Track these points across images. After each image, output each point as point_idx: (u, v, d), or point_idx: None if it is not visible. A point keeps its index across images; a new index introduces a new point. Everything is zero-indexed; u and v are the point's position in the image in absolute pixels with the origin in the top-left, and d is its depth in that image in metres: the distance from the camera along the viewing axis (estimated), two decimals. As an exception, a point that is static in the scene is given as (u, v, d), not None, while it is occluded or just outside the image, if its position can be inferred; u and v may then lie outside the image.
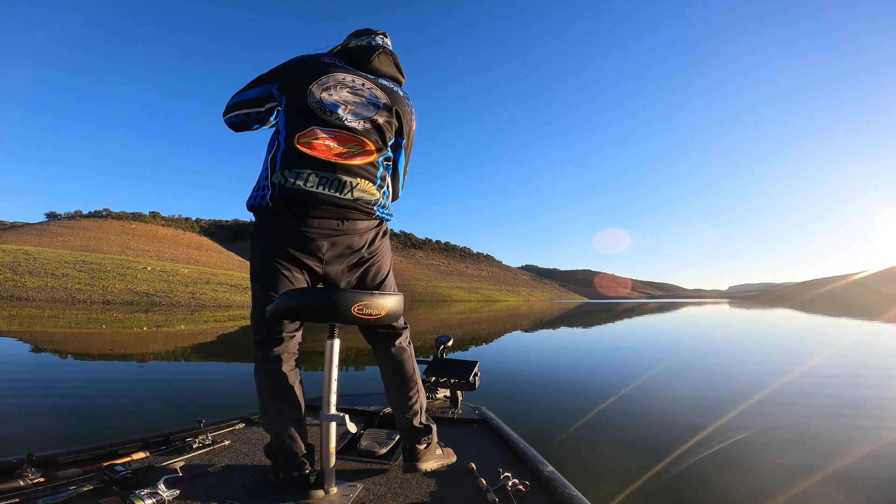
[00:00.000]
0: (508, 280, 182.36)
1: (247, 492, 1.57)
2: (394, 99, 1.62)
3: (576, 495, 1.50)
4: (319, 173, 1.46)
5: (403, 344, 1.68)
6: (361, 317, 1.41)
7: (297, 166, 1.46)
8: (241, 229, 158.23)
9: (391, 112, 1.61)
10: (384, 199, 1.63)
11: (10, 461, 1.56)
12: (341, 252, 1.54)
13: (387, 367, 1.67)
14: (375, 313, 1.44)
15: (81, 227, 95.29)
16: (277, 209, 1.49)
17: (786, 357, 9.21)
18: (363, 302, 1.42)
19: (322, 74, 1.54)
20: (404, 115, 1.66)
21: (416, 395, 1.65)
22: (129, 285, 24.99)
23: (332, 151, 1.48)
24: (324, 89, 1.52)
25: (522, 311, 34.80)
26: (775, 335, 14.95)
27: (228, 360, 7.55)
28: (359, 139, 1.53)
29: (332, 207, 1.48)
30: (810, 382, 6.28)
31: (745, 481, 2.85)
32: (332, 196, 1.48)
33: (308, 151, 1.46)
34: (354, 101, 1.54)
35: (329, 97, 1.51)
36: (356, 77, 1.59)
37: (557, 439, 3.51)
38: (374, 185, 1.56)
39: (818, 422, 4.19)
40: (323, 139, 1.48)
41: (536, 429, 3.72)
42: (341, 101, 1.52)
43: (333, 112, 1.51)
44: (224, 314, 19.30)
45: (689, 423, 3.97)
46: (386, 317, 1.48)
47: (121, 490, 1.49)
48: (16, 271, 23.91)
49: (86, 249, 56.93)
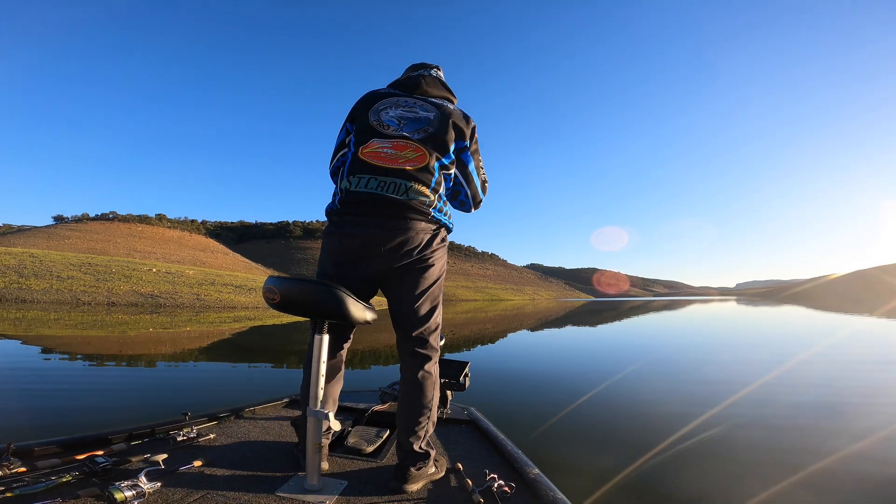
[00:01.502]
0: (514, 279, 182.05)
1: (229, 485, 1.55)
2: (443, 111, 1.80)
3: (560, 498, 1.49)
4: (379, 177, 1.65)
5: (432, 370, 1.74)
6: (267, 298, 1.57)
7: (360, 172, 1.67)
8: (246, 231, 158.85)
9: (442, 122, 1.77)
10: (440, 203, 1.73)
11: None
12: (397, 250, 1.65)
13: (407, 386, 1.72)
14: (272, 297, 1.55)
15: (88, 230, 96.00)
16: (344, 210, 1.69)
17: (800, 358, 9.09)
18: (267, 286, 1.55)
19: (379, 100, 1.81)
20: (458, 123, 1.80)
21: (425, 423, 1.69)
22: (134, 287, 25.12)
23: (389, 158, 1.67)
24: (381, 110, 1.77)
25: (528, 311, 34.71)
26: (788, 333, 14.81)
27: (222, 359, 7.54)
28: (414, 146, 1.70)
29: (390, 207, 1.64)
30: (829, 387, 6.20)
31: (742, 479, 2.81)
32: (390, 196, 1.63)
33: (370, 160, 1.67)
34: (408, 116, 1.76)
35: (386, 115, 1.76)
36: (408, 98, 1.83)
37: (546, 440, 3.48)
38: (428, 187, 1.68)
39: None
40: (382, 148, 1.68)
41: (526, 430, 3.69)
42: (396, 118, 1.76)
43: (390, 126, 1.73)
44: (229, 315, 19.37)
45: (686, 421, 3.93)
46: (281, 303, 1.54)
47: (101, 481, 1.48)
48: (21, 274, 24.06)
49: (92, 252, 57.35)
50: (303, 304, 1.54)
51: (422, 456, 1.67)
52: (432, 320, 1.75)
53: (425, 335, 1.73)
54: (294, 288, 1.53)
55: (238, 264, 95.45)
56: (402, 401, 1.72)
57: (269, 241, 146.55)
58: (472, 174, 1.88)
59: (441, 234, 1.77)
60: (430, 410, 1.70)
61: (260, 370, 6.63)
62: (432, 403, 1.71)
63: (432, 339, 1.75)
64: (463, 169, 1.85)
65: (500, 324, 18.67)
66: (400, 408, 1.73)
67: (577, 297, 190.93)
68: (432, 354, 1.75)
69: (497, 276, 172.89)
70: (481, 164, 1.94)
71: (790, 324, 18.37)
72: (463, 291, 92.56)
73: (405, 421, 1.69)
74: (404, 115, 1.77)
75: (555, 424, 3.82)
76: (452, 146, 1.77)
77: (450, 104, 1.88)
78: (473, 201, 1.94)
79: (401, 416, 1.71)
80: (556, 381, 5.99)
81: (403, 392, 1.73)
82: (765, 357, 8.41)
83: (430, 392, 1.71)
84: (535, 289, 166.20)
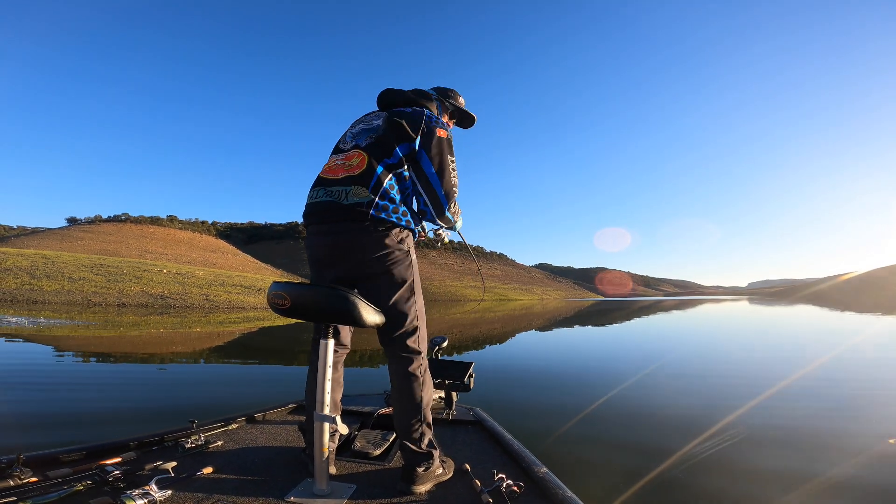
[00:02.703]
0: (522, 279, 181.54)
1: (239, 492, 1.56)
2: (390, 115, 1.86)
3: (570, 496, 1.49)
4: (327, 188, 1.75)
5: (417, 371, 1.74)
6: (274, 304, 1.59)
7: (316, 186, 1.80)
8: (255, 232, 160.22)
9: (387, 125, 1.82)
10: (384, 202, 1.71)
11: (1, 461, 1.56)
12: (350, 253, 1.71)
13: (395, 390, 1.76)
14: (281, 302, 1.56)
15: (101, 232, 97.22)
16: (306, 222, 1.83)
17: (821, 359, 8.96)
18: (275, 291, 1.58)
19: (354, 122, 1.98)
20: (404, 123, 1.81)
21: (418, 424, 1.71)
22: (145, 288, 25.38)
23: (338, 168, 1.78)
24: (349, 129, 1.94)
25: (537, 310, 34.60)
26: (810, 333, 14.61)
27: (231, 360, 7.58)
28: (358, 153, 1.78)
29: (335, 213, 1.70)
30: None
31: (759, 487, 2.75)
32: (334, 202, 1.71)
33: (324, 174, 1.81)
34: (364, 129, 1.87)
35: (350, 132, 1.92)
36: (370, 114, 1.98)
37: (552, 440, 3.45)
38: (367, 188, 1.70)
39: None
40: (335, 161, 1.82)
41: (532, 429, 3.66)
42: (355, 133, 1.88)
43: (348, 140, 1.88)
44: (238, 315, 19.50)
45: (695, 424, 3.87)
46: (292, 308, 1.55)
47: (112, 490, 1.49)
48: (33, 275, 24.39)
49: (105, 253, 58.05)
50: (316, 309, 1.55)
51: (424, 456, 1.68)
52: (408, 323, 1.75)
53: (402, 337, 1.75)
54: (307, 293, 1.54)
55: (248, 265, 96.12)
56: (394, 405, 1.77)
57: (278, 242, 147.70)
58: (428, 173, 1.81)
59: (395, 233, 1.73)
60: (422, 412, 1.72)
61: (270, 371, 6.67)
62: (423, 405, 1.72)
63: (410, 341, 1.75)
64: (416, 168, 1.82)
65: (508, 324, 18.60)
66: (394, 412, 1.77)
67: (586, 296, 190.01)
68: (413, 357, 1.75)
69: (506, 276, 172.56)
70: (447, 165, 1.83)
71: (809, 325, 18.10)
72: (471, 291, 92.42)
73: (399, 424, 1.73)
74: (362, 129, 1.88)
75: (569, 427, 3.77)
76: (398, 146, 1.77)
77: (409, 108, 1.90)
78: (433, 204, 1.85)
79: (395, 420, 1.76)
80: (567, 382, 5.94)
81: (393, 397, 1.77)
82: (789, 356, 8.29)
83: (417, 393, 1.72)
84: (543, 288, 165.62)
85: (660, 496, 2.57)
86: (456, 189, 1.88)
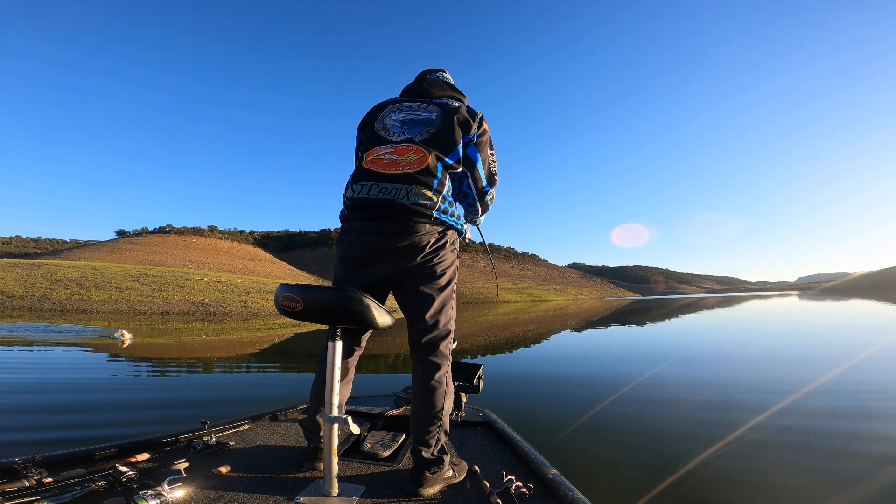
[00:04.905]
0: (556, 279, 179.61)
1: (250, 491, 1.57)
2: (445, 109, 1.80)
3: (580, 498, 1.46)
4: (380, 183, 1.65)
5: (443, 379, 1.70)
6: (285, 307, 1.53)
7: (362, 180, 1.69)
8: (290, 239, 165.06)
9: (445, 120, 1.77)
10: (444, 204, 1.69)
11: (16, 462, 1.58)
12: (401, 254, 1.65)
13: (417, 395, 1.71)
14: (293, 305, 1.51)
15: (148, 243, 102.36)
16: (349, 217, 1.72)
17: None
18: (285, 294, 1.51)
19: (385, 108, 1.87)
20: (461, 118, 1.78)
21: (435, 431, 1.66)
22: (187, 296, 26.38)
23: (391, 163, 1.67)
24: (386, 117, 1.83)
25: (571, 311, 34.05)
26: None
27: (264, 364, 7.71)
28: (415, 148, 1.70)
29: (392, 212, 1.63)
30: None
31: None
32: (391, 201, 1.63)
33: (371, 167, 1.69)
34: (411, 119, 1.79)
35: (390, 121, 1.81)
36: (412, 102, 1.88)
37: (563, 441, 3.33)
38: (430, 189, 1.65)
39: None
40: (385, 154, 1.70)
41: (542, 431, 3.54)
42: (400, 122, 1.79)
43: (395, 131, 1.77)
44: (275, 321, 19.95)
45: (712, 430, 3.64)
46: (305, 311, 1.50)
47: (125, 491, 1.49)
48: (83, 286, 25.76)
49: (151, 263, 60.92)
50: (327, 311, 1.52)
51: (434, 461, 1.65)
52: (442, 326, 1.72)
53: (436, 342, 1.71)
54: (318, 295, 1.50)
55: (284, 272, 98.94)
56: (413, 409, 1.72)
57: (312, 249, 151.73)
58: (480, 170, 1.84)
59: (448, 236, 1.74)
60: (441, 419, 1.68)
61: (299, 374, 6.75)
62: (443, 413, 1.68)
63: (443, 346, 1.72)
64: (470, 166, 1.81)
65: (542, 325, 18.35)
66: (412, 415, 1.72)
67: (623, 295, 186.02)
68: (442, 363, 1.71)
69: (538, 277, 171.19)
70: (491, 160, 1.89)
71: (869, 322, 17.06)
72: (504, 293, 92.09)
73: (416, 429, 1.68)
74: (408, 119, 1.80)
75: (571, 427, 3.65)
76: (460, 143, 1.75)
77: (455, 102, 1.88)
78: (480, 200, 1.90)
79: (412, 424, 1.71)
80: (571, 381, 5.74)
81: (414, 400, 1.72)
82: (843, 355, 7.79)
83: (440, 401, 1.68)
84: (578, 288, 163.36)
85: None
86: (497, 175, 1.95)
